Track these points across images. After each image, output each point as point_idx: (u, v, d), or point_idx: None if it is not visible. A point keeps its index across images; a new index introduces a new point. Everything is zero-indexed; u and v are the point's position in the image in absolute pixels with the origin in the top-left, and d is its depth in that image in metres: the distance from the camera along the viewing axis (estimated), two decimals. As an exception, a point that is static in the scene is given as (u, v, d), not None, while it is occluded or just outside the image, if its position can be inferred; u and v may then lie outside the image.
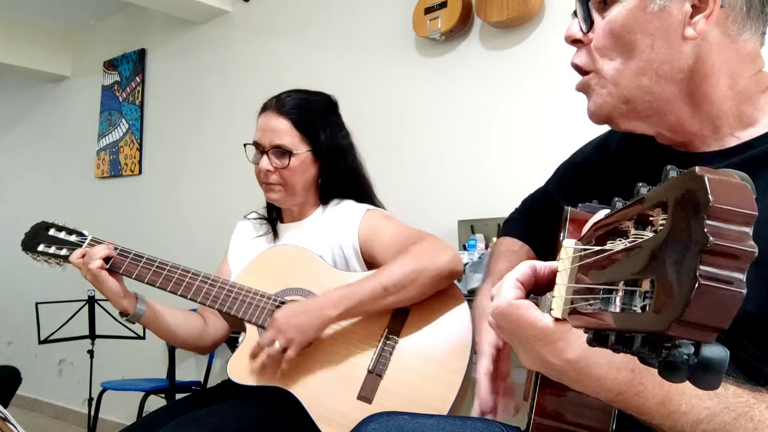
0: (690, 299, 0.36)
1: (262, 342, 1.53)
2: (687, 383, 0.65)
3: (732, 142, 0.92)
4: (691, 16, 0.87)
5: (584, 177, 1.20)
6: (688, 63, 0.88)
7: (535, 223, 1.37)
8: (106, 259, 1.64)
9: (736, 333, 0.81)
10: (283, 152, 1.71)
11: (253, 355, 1.54)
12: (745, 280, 0.37)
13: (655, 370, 0.65)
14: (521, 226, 1.40)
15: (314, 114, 1.75)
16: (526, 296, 0.72)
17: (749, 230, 0.37)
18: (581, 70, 0.98)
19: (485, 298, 1.21)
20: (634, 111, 0.94)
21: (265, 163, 1.73)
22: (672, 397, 0.68)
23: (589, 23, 0.95)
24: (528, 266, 0.72)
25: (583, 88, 0.99)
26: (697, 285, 0.36)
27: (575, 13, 0.98)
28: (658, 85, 0.90)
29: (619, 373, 0.68)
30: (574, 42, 0.98)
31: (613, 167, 1.11)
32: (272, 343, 1.51)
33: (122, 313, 1.68)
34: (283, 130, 1.72)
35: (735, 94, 0.90)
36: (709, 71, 0.89)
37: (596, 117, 0.98)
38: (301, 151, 1.72)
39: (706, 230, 0.36)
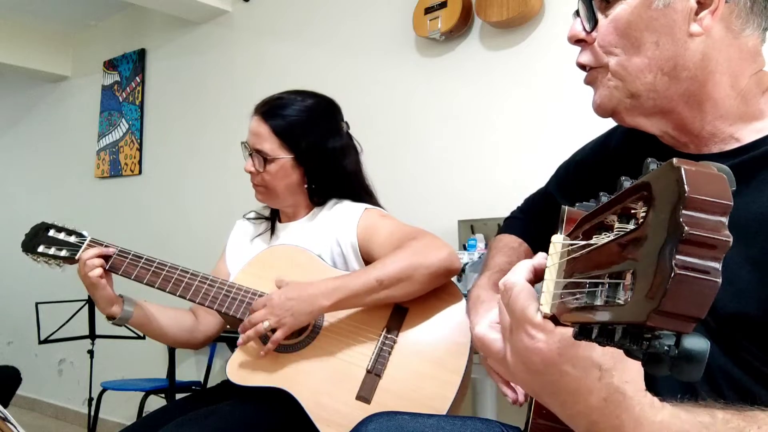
0: (667, 289, 0.36)
1: (252, 319, 1.55)
2: (668, 419, 0.62)
3: (733, 143, 0.92)
4: (696, 12, 0.87)
5: (584, 177, 1.20)
6: (692, 60, 0.88)
7: (536, 222, 1.37)
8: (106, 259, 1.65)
9: (737, 334, 0.81)
10: (263, 157, 1.73)
11: (243, 330, 1.56)
12: (721, 269, 0.37)
13: (633, 409, 0.62)
14: (522, 225, 1.40)
15: (300, 120, 1.74)
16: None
17: (725, 220, 0.37)
18: (587, 68, 0.98)
19: (481, 289, 1.21)
20: (639, 107, 0.94)
21: (248, 164, 1.76)
22: None
23: (593, 22, 0.94)
24: (529, 264, 0.71)
25: (591, 81, 0.99)
26: (673, 275, 0.36)
27: (577, 13, 0.97)
28: (663, 83, 0.90)
29: (590, 396, 0.63)
30: (578, 42, 0.97)
31: (613, 166, 1.11)
32: (262, 322, 1.53)
33: (109, 317, 1.68)
34: (263, 136, 1.72)
35: (737, 93, 0.90)
36: (713, 68, 0.89)
37: (601, 110, 0.98)
38: (280, 157, 1.72)
39: (682, 220, 0.36)
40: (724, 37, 0.88)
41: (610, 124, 1.09)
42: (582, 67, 0.99)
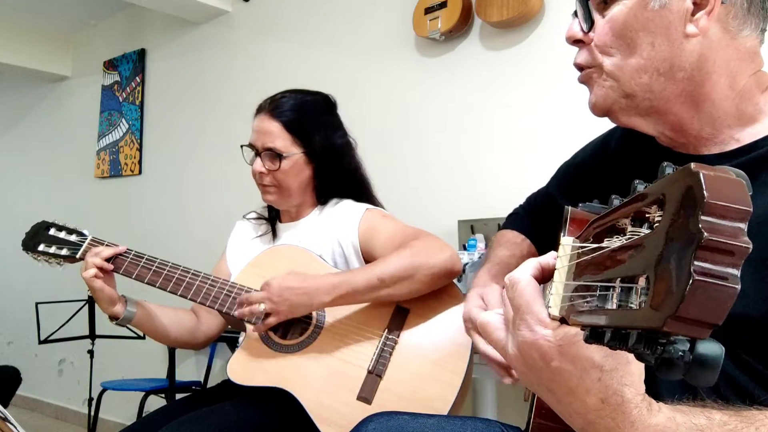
0: (685, 295, 0.35)
1: (251, 297, 1.56)
2: (663, 423, 0.62)
3: (732, 144, 0.92)
4: (693, 13, 0.87)
5: (584, 177, 1.20)
6: (689, 61, 0.88)
7: (538, 221, 1.37)
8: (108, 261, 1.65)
9: (737, 335, 0.80)
10: (275, 155, 1.72)
11: (239, 304, 1.58)
12: (739, 275, 0.36)
13: (630, 412, 0.61)
14: (524, 222, 1.40)
15: (308, 115, 1.75)
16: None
17: (744, 226, 0.36)
18: (583, 68, 0.98)
19: (479, 278, 1.22)
20: (635, 107, 0.94)
21: (258, 165, 1.74)
22: None
23: (590, 23, 0.94)
24: (536, 261, 0.70)
25: (585, 80, 0.99)
26: (691, 281, 0.36)
27: (575, 14, 0.97)
28: (659, 84, 0.90)
29: (588, 395, 0.63)
30: (575, 42, 0.98)
31: (613, 167, 1.11)
32: (258, 304, 1.54)
33: (112, 318, 1.68)
34: (275, 133, 1.72)
35: (735, 93, 0.90)
36: (710, 69, 0.88)
37: (597, 109, 0.98)
38: (294, 153, 1.72)
39: (701, 226, 0.36)
40: (721, 37, 0.88)
41: (610, 124, 1.09)
42: (579, 67, 0.99)
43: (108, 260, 1.65)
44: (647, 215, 0.43)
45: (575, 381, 0.63)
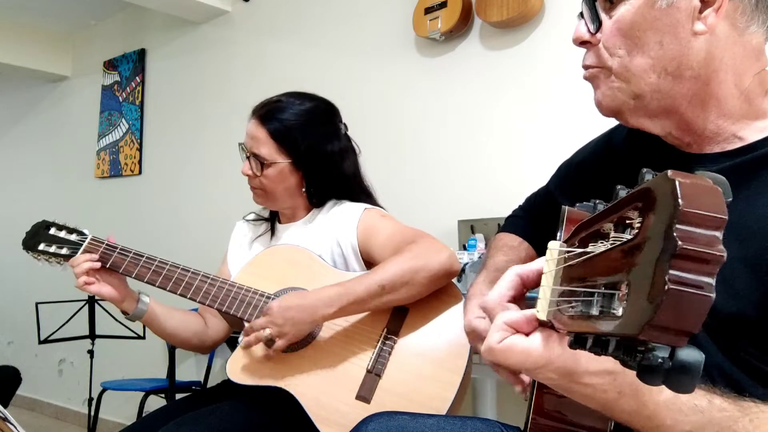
0: (660, 304, 0.36)
1: (254, 325, 1.55)
2: (669, 399, 0.67)
3: (735, 143, 0.92)
4: (700, 11, 0.86)
5: (586, 176, 1.19)
6: (697, 59, 0.88)
7: (537, 221, 1.36)
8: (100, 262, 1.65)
9: (735, 333, 0.81)
10: (260, 161, 1.73)
11: (245, 334, 1.57)
12: (714, 284, 0.37)
13: (642, 396, 0.67)
14: (522, 224, 1.39)
15: (299, 124, 1.74)
16: (521, 297, 0.73)
17: (719, 234, 0.36)
18: (590, 69, 0.98)
19: (477, 287, 1.22)
20: (643, 107, 0.93)
21: (245, 167, 1.76)
22: (658, 413, 0.71)
23: (597, 24, 0.94)
24: (514, 274, 0.75)
25: (591, 78, 0.98)
26: (666, 289, 0.36)
27: (581, 15, 0.97)
28: (667, 83, 0.90)
29: (606, 394, 0.71)
30: (583, 43, 0.97)
31: (616, 165, 1.10)
32: (263, 329, 1.53)
33: (124, 312, 1.71)
34: (261, 140, 1.73)
35: (740, 93, 0.90)
36: (717, 67, 0.88)
37: (605, 110, 0.98)
38: (278, 161, 1.73)
39: (675, 234, 0.36)
40: (728, 35, 0.88)
41: (611, 123, 1.08)
42: (587, 69, 0.98)
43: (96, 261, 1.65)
44: (629, 221, 0.44)
45: (593, 388, 0.70)
